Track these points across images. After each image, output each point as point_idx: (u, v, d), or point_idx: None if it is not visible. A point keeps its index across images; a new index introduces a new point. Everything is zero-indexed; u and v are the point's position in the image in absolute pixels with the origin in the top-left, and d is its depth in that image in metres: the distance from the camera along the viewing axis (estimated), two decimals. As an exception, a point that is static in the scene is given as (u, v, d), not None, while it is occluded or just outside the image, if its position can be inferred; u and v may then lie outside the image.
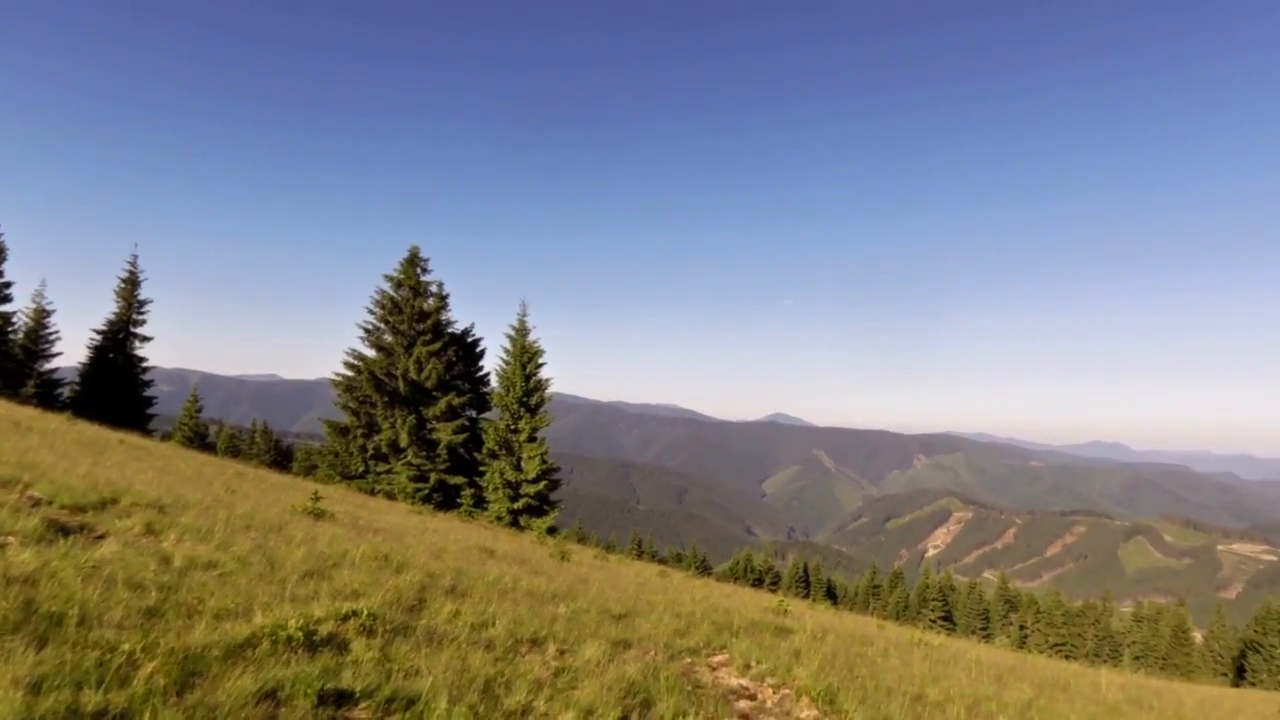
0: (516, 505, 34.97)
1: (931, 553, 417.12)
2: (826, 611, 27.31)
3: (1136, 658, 77.41)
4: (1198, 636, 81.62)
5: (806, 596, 77.16)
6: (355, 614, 6.52)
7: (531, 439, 36.33)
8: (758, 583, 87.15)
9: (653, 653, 8.27)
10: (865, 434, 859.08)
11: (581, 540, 56.09)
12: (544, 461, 35.78)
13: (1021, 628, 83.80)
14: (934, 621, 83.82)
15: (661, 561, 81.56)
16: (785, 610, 16.37)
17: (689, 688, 7.29)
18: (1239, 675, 72.70)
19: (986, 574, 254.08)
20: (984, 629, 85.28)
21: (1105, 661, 71.86)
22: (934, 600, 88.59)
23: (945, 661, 13.37)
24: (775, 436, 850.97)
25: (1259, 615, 75.01)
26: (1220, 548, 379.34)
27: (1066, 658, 68.98)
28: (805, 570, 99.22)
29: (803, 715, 7.82)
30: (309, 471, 43.70)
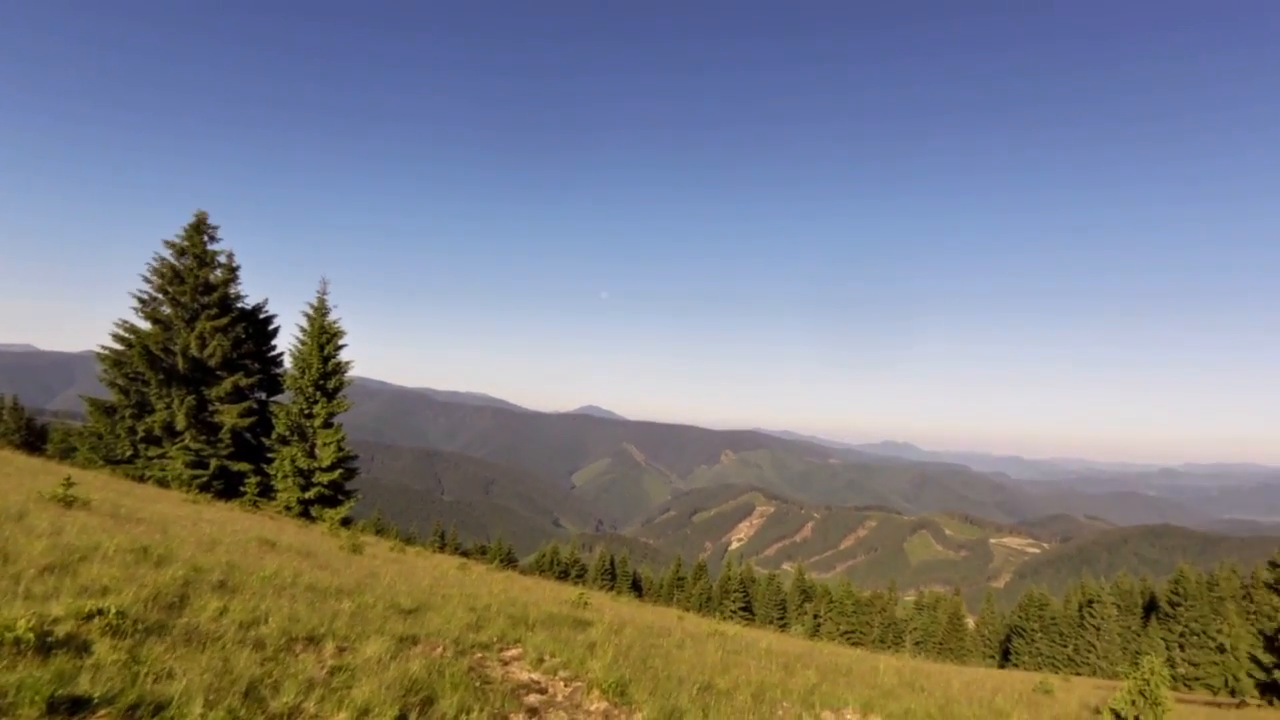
0: (308, 494, 33.21)
1: (735, 545, 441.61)
2: (630, 604, 28.27)
3: (917, 643, 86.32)
4: (971, 622, 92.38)
5: (612, 589, 79.16)
6: (101, 612, 6.04)
7: (328, 424, 34.61)
8: (563, 576, 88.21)
9: (441, 648, 8.28)
10: (675, 429, 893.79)
11: (380, 532, 54.19)
12: (340, 448, 34.22)
13: (815, 617, 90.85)
14: (735, 612, 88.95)
15: (465, 554, 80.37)
16: (585, 603, 16.83)
17: (477, 683, 7.39)
18: (1004, 657, 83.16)
19: (785, 566, 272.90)
20: (781, 619, 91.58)
21: (889, 647, 79.69)
22: (735, 592, 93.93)
23: (738, 651, 14.35)
24: (586, 429, 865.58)
25: (1022, 603, 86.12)
26: (992, 541, 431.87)
27: (855, 644, 75.72)
28: (612, 563, 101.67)
29: (593, 708, 8.14)
30: (66, 455, 38.92)
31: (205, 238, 35.83)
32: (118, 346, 33.88)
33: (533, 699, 7.83)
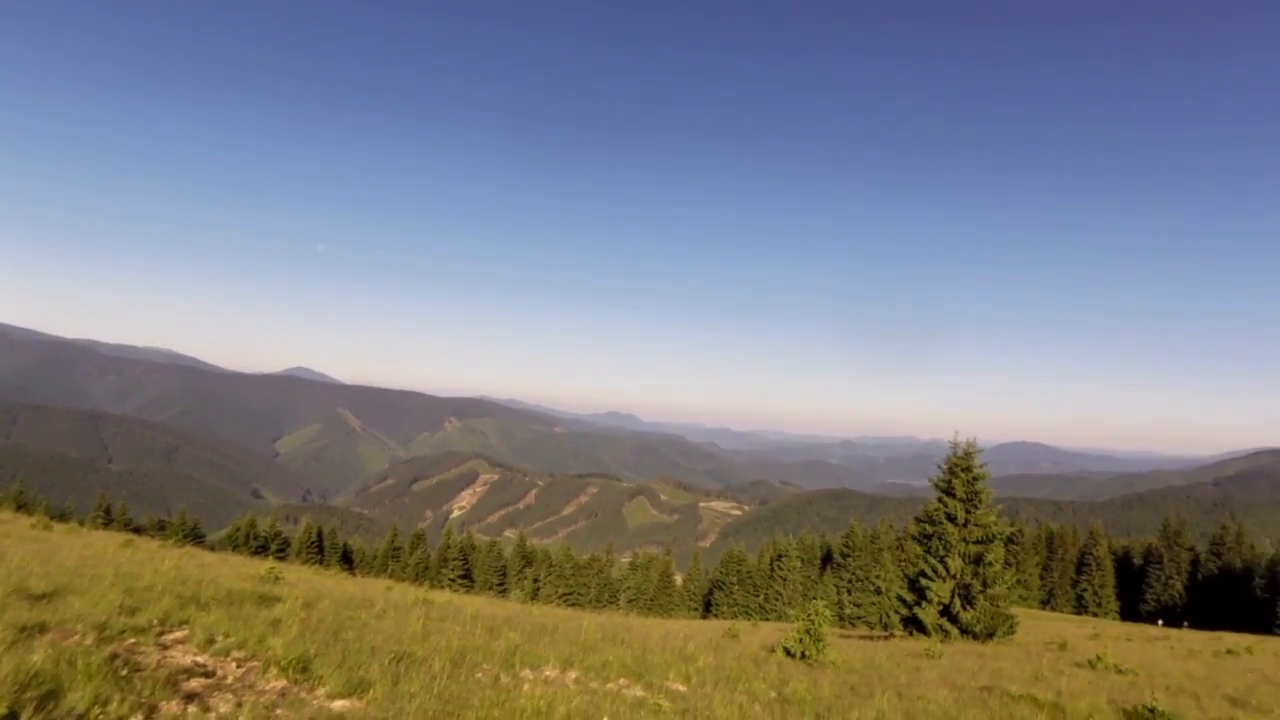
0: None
1: (457, 514, 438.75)
2: (336, 577, 26.74)
3: (630, 600, 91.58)
4: (679, 579, 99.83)
5: (320, 563, 74.92)
6: None
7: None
8: (261, 551, 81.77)
9: (78, 635, 7.11)
10: (396, 394, 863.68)
11: (22, 507, 46.21)
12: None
13: (535, 581, 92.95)
14: (453, 580, 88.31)
15: (137, 530, 71.44)
16: (277, 578, 15.56)
17: (122, 671, 6.43)
18: (707, 609, 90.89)
19: (508, 533, 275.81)
20: (501, 584, 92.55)
21: (605, 606, 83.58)
22: (454, 560, 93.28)
23: (444, 618, 14.06)
24: (295, 392, 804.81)
25: (723, 560, 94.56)
26: (702, 505, 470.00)
27: (572, 605, 78.43)
28: (319, 535, 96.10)
29: (268, 687, 7.47)
30: None
31: None
32: None
33: (195, 684, 6.99)
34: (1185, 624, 78.16)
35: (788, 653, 15.45)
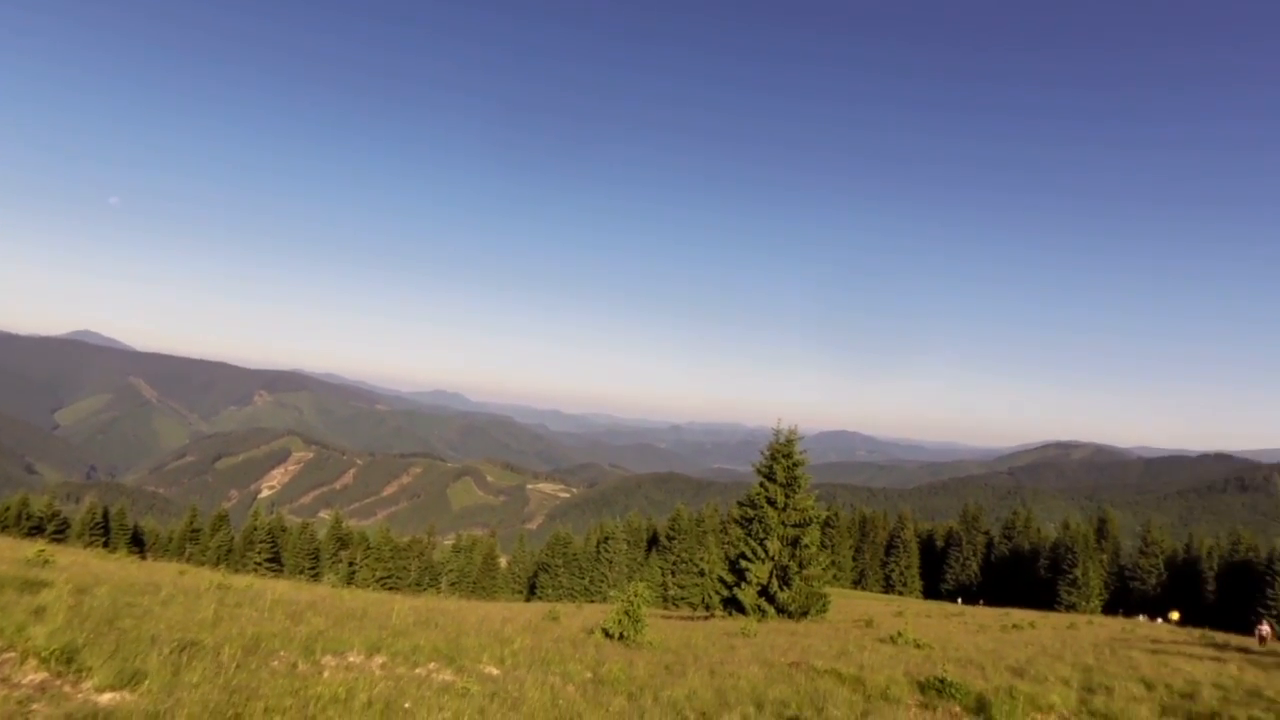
0: None
1: (266, 494, 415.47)
2: (123, 561, 24.64)
3: (452, 583, 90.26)
4: (504, 562, 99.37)
5: (106, 546, 68.71)
6: None
7: None
8: (35, 532, 74.02)
9: None
10: (199, 364, 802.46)
11: None
12: None
13: (351, 564, 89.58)
14: (260, 564, 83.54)
15: None
16: (47, 561, 14.16)
17: None
18: (531, 591, 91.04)
19: (323, 514, 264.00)
20: (313, 568, 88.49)
21: (426, 589, 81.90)
22: (262, 543, 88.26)
23: (241, 604, 13.30)
24: (79, 358, 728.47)
25: (550, 542, 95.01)
26: (530, 486, 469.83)
27: (390, 589, 76.26)
28: (105, 515, 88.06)
29: (26, 680, 6.90)
30: None
31: None
32: None
33: (-74, 682, 6.24)
34: (980, 601, 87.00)
35: (606, 634, 15.83)
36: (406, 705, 7.47)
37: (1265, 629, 43.74)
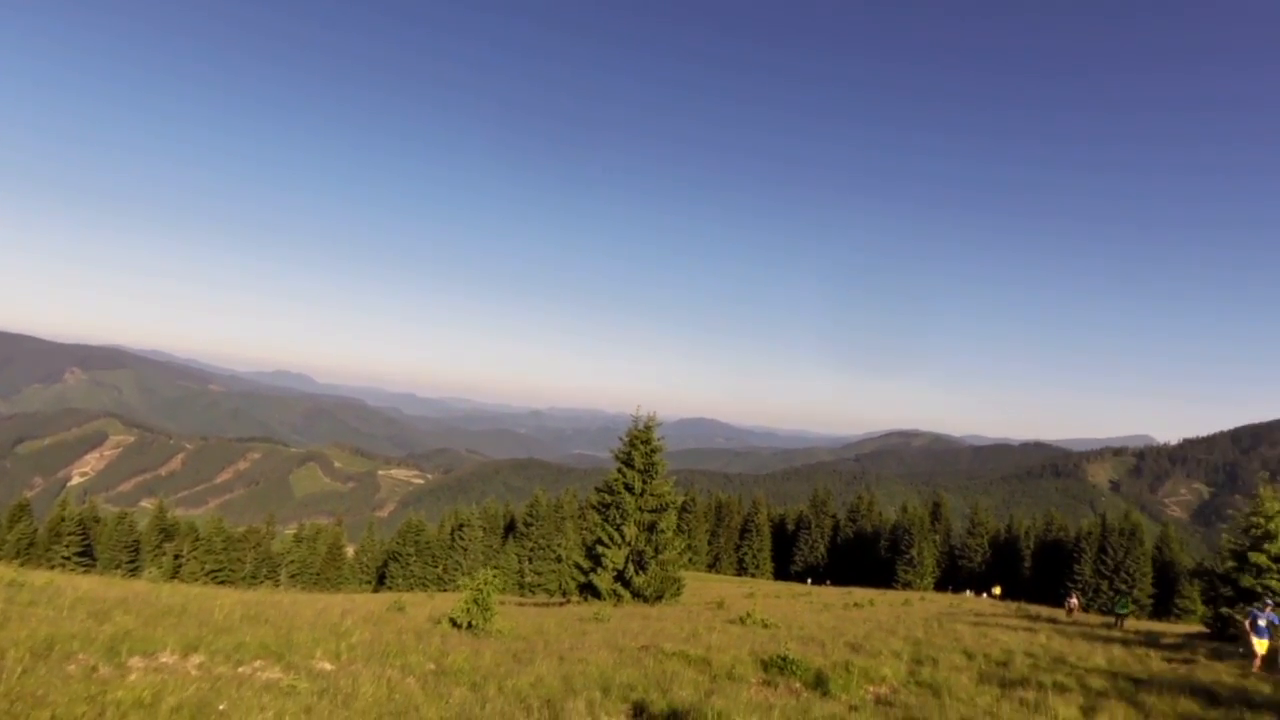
0: None
1: (78, 481, 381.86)
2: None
3: (293, 575, 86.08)
4: (350, 551, 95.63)
5: None
6: None
7: None
8: None
9: None
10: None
11: None
12: None
13: (177, 557, 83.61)
14: (68, 559, 76.72)
15: None
16: None
17: None
18: (380, 582, 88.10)
19: (145, 503, 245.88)
20: (132, 563, 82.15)
21: (263, 582, 77.78)
22: (71, 535, 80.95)
23: (35, 602, 12.08)
24: None
25: (401, 530, 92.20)
26: (381, 472, 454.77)
27: (223, 583, 72.05)
28: (-127, 508, 78.39)
29: None
30: None
31: None
32: None
33: None
34: (827, 581, 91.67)
35: (454, 623, 15.48)
36: (222, 707, 6.95)
37: (1073, 601, 48.40)
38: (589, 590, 34.71)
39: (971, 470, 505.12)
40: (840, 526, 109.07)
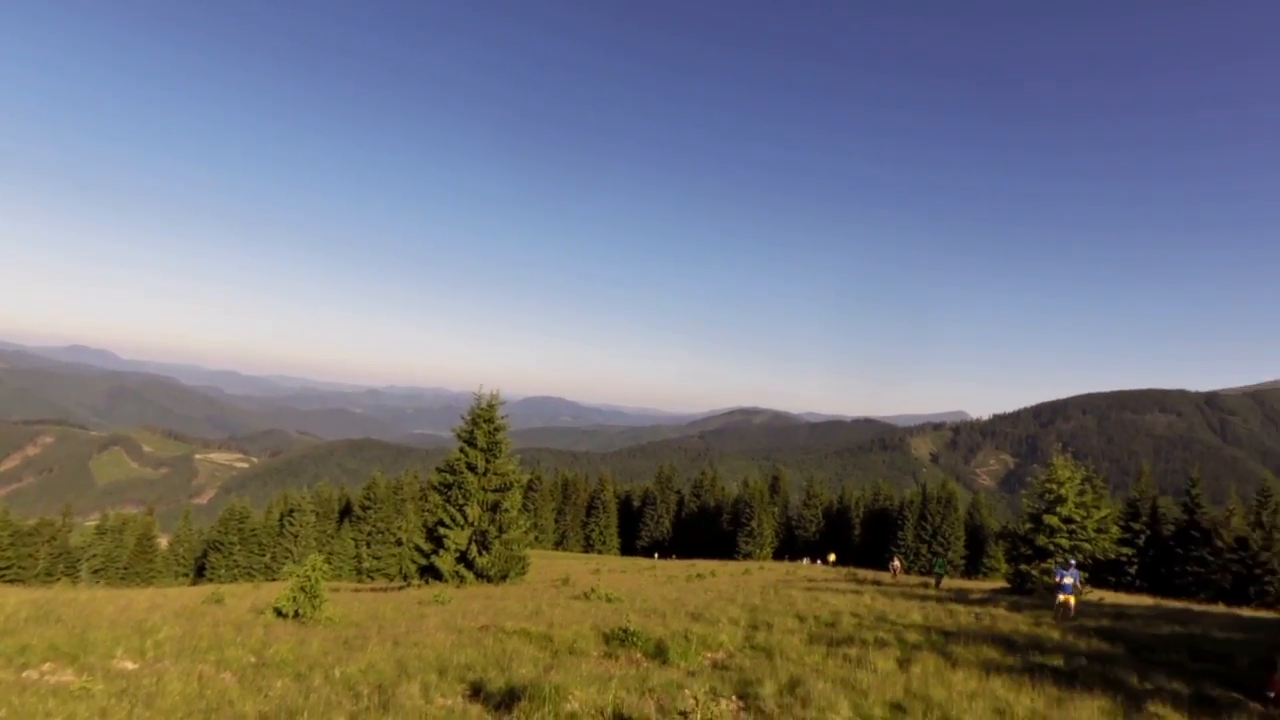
0: None
1: None
2: None
3: (96, 571, 79.26)
4: (164, 542, 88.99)
5: None
6: None
7: None
8: None
9: None
10: None
11: None
12: None
13: (-48, 557, 75.16)
14: None
15: None
16: None
17: None
18: (199, 573, 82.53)
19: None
20: (-105, 565, 73.07)
21: (60, 579, 71.15)
22: None
23: None
24: None
25: (222, 517, 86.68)
26: (199, 457, 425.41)
27: (11, 582, 65.46)
28: None
29: None
30: None
31: None
32: None
33: None
34: (673, 555, 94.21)
35: (279, 613, 14.75)
36: (1, 714, 6.30)
37: (896, 564, 52.26)
38: (430, 573, 34.10)
39: (808, 445, 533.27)
40: (685, 502, 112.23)
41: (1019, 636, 15.38)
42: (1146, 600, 34.60)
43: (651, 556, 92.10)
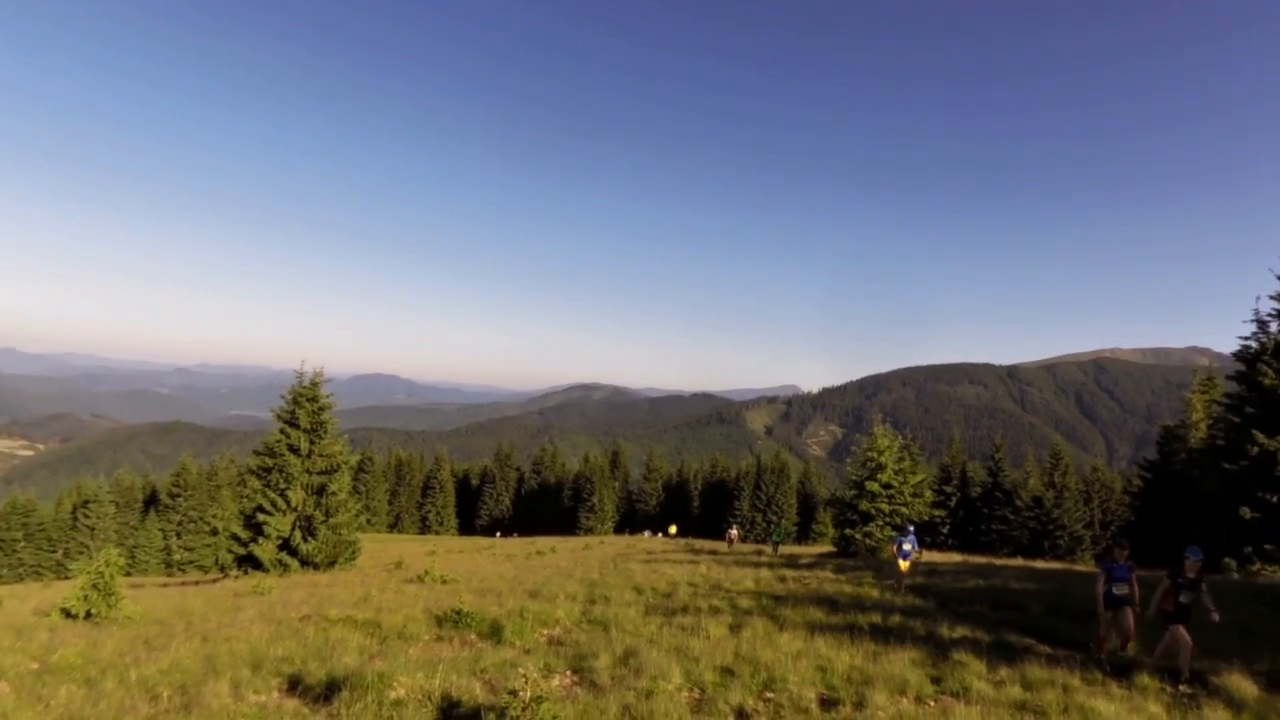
0: None
1: None
2: None
3: None
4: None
5: None
6: None
7: None
8: None
9: None
10: None
11: None
12: None
13: None
14: None
15: None
16: None
17: None
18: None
19: None
20: None
21: None
22: None
23: None
24: None
25: (3, 511, 78.20)
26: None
27: None
28: None
29: None
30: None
31: None
32: None
33: None
34: (514, 533, 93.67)
35: (67, 614, 13.43)
36: None
37: (733, 533, 54.28)
38: (250, 562, 32.27)
39: (648, 420, 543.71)
40: (525, 479, 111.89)
41: (843, 597, 16.32)
42: (956, 557, 37.64)
43: (492, 535, 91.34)
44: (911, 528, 21.89)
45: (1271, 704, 8.01)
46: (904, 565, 20.24)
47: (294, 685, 8.69)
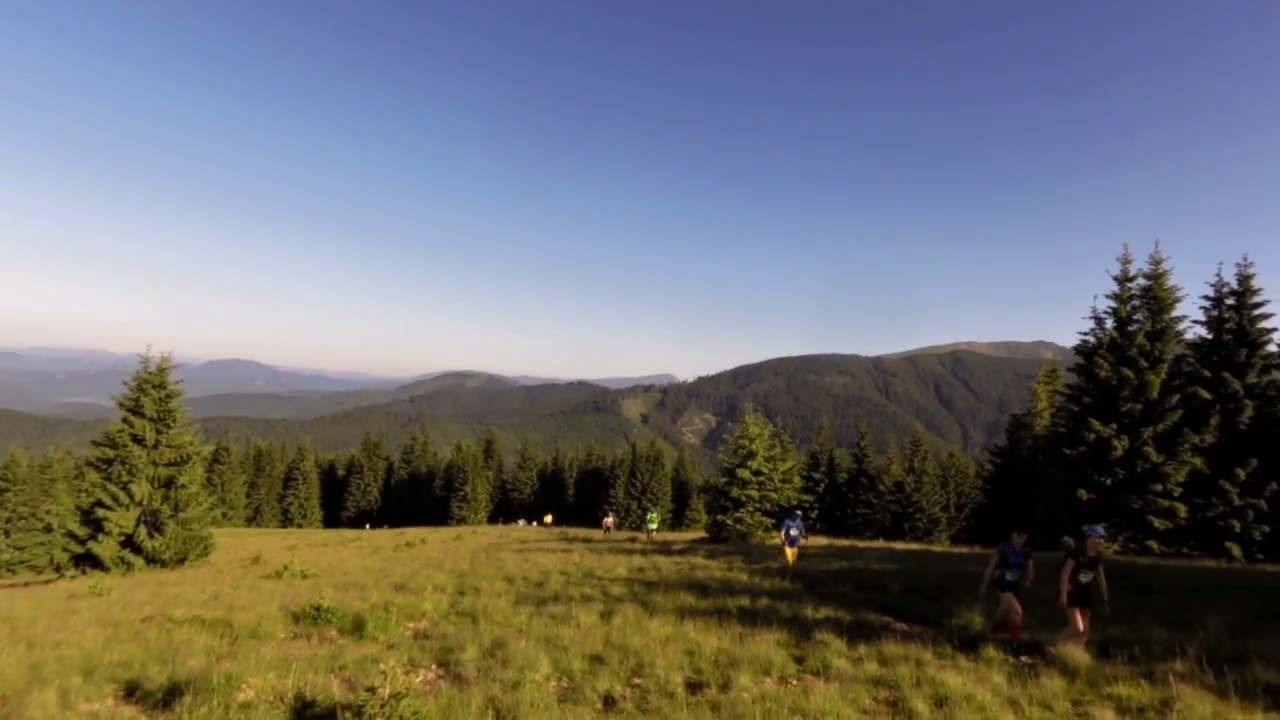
0: None
1: None
2: None
3: None
4: None
5: None
6: None
7: None
8: None
9: None
10: None
11: None
12: None
13: None
14: None
15: None
16: None
17: None
18: None
19: None
20: None
21: None
22: None
23: None
24: None
25: None
26: None
27: None
28: None
29: None
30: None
31: None
32: None
33: None
34: (383, 525, 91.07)
35: None
36: None
37: (608, 520, 54.56)
38: (89, 561, 30.11)
39: (524, 408, 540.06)
40: (394, 469, 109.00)
41: (713, 582, 16.65)
42: (823, 541, 39.15)
43: (360, 528, 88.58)
44: (799, 512, 22.20)
45: (1101, 670, 8.65)
46: (791, 553, 20.38)
47: (131, 691, 8.12)
